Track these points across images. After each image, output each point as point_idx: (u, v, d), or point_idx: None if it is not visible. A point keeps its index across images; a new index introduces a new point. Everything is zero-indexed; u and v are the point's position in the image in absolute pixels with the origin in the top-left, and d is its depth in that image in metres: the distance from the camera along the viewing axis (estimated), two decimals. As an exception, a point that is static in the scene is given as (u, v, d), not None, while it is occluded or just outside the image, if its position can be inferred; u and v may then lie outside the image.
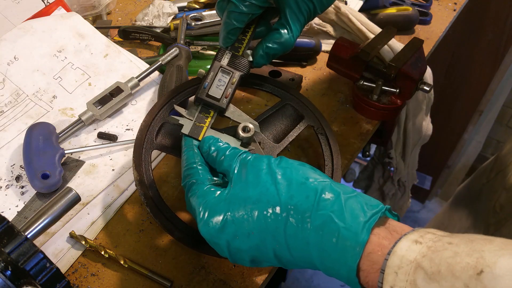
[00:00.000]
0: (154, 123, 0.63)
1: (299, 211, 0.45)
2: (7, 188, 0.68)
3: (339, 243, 0.43)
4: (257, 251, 0.48)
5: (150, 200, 0.58)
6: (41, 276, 0.45)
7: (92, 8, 0.97)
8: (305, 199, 0.45)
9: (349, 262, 0.42)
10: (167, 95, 0.66)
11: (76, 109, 0.78)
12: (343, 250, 0.43)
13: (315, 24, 0.97)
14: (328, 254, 0.44)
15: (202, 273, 0.60)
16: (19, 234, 0.46)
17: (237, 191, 0.49)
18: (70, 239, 0.63)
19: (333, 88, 0.88)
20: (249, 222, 0.47)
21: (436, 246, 0.39)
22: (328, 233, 0.43)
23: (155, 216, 0.57)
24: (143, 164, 0.60)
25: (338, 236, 0.43)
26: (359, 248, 0.42)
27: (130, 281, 0.59)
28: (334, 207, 0.44)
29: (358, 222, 0.43)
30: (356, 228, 0.42)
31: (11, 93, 0.78)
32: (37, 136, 0.69)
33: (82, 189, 0.68)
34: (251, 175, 0.49)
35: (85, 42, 0.85)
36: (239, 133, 0.59)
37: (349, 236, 0.42)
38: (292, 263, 0.47)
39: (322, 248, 0.44)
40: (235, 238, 0.48)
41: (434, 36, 1.04)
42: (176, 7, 0.98)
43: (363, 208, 0.44)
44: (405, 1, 1.10)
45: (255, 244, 0.47)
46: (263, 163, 0.50)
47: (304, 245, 0.45)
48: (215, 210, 0.49)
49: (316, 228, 0.44)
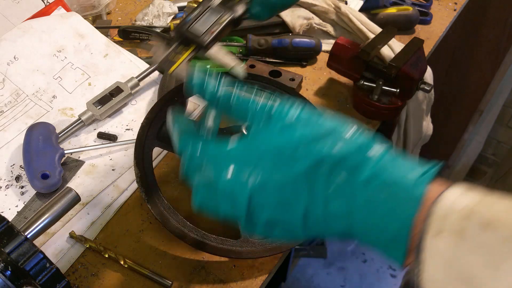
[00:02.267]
0: (156, 120, 0.63)
1: (345, 163, 0.40)
2: (7, 188, 0.68)
3: (392, 196, 0.38)
4: (283, 208, 0.42)
5: (150, 196, 0.58)
6: (41, 276, 0.45)
7: (92, 8, 0.97)
8: (353, 151, 0.41)
9: (402, 216, 0.38)
10: (169, 93, 0.66)
11: (76, 109, 0.78)
12: (396, 204, 0.38)
13: (315, 24, 0.96)
14: (375, 210, 0.39)
15: (202, 273, 0.60)
16: (19, 234, 0.45)
17: (269, 137, 0.43)
18: (70, 239, 0.62)
19: (333, 88, 0.88)
20: (284, 173, 0.41)
21: (491, 196, 0.35)
22: (378, 186, 0.39)
23: (155, 212, 0.57)
24: (144, 160, 0.60)
25: (391, 189, 0.38)
26: (415, 201, 0.37)
27: (130, 281, 0.59)
28: (385, 159, 0.40)
29: (414, 174, 0.39)
30: (410, 182, 0.38)
31: (11, 93, 0.78)
32: (37, 136, 0.69)
33: (82, 189, 0.68)
34: (289, 120, 0.43)
35: (85, 42, 0.85)
36: (244, 132, 0.59)
37: (401, 191, 0.38)
38: (319, 225, 0.42)
39: (369, 203, 0.39)
40: (262, 190, 0.42)
41: (434, 36, 1.04)
42: (176, 6, 0.98)
43: (416, 163, 0.40)
44: (405, 1, 1.10)
45: (285, 198, 0.42)
46: (303, 108, 0.44)
47: (346, 201, 0.40)
48: (240, 159, 0.43)
49: (364, 181, 0.39)
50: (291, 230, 0.44)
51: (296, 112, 0.43)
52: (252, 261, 0.62)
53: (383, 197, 0.39)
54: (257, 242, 0.59)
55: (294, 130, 0.42)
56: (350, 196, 0.40)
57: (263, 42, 0.91)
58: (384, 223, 0.39)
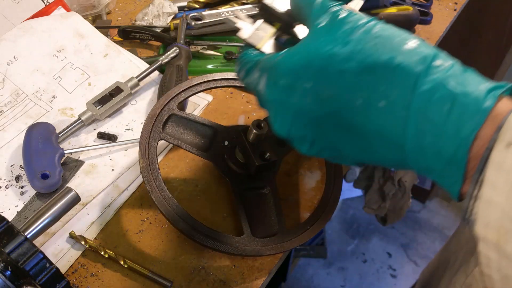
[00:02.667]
0: (162, 113, 0.63)
1: (404, 73, 0.38)
2: (7, 188, 0.68)
3: (454, 111, 0.36)
4: (334, 114, 0.40)
5: (154, 188, 0.58)
6: (41, 276, 0.45)
7: (92, 7, 0.97)
8: (412, 62, 0.38)
9: (463, 132, 0.35)
10: (177, 87, 0.67)
11: (76, 109, 0.78)
12: (460, 117, 0.35)
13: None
14: (433, 125, 0.36)
15: (202, 273, 0.60)
16: (19, 234, 0.45)
17: (324, 41, 0.41)
18: (70, 239, 0.62)
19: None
20: (340, 80, 0.39)
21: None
22: (438, 100, 0.36)
23: (159, 204, 0.57)
24: (149, 153, 0.60)
25: (453, 104, 0.36)
26: (481, 116, 0.35)
27: (130, 281, 0.59)
28: (449, 72, 0.37)
29: (481, 89, 0.36)
30: (479, 94, 0.35)
31: (10, 93, 0.78)
32: (36, 136, 0.69)
33: (81, 189, 0.68)
34: (349, 29, 0.41)
35: (85, 42, 0.85)
36: (253, 129, 0.59)
37: (469, 102, 0.35)
38: (366, 139, 0.40)
39: (426, 118, 0.36)
40: (316, 96, 0.40)
41: (434, 36, 1.04)
42: (176, 6, 0.98)
43: (484, 79, 0.37)
44: (405, 1, 1.10)
45: (337, 106, 0.40)
46: (368, 19, 0.42)
47: (401, 113, 0.37)
48: (304, 54, 0.41)
49: (423, 94, 0.36)
50: (339, 149, 0.42)
51: (371, 24, 0.40)
52: (252, 261, 0.62)
53: (445, 109, 0.36)
54: (260, 240, 0.59)
55: (345, 40, 0.40)
56: (406, 109, 0.37)
57: (263, 42, 0.91)
58: (442, 141, 0.36)
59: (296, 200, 0.69)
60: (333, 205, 0.66)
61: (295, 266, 1.99)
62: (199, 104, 0.81)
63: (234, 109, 0.81)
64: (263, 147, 0.61)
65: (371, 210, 1.37)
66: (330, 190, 0.67)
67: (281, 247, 0.59)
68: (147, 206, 0.67)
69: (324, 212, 0.65)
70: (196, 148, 0.64)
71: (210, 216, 0.66)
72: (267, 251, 0.59)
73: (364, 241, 2.11)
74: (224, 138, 0.66)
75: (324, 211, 0.65)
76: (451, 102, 0.36)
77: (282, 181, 0.71)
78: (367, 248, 2.08)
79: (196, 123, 0.65)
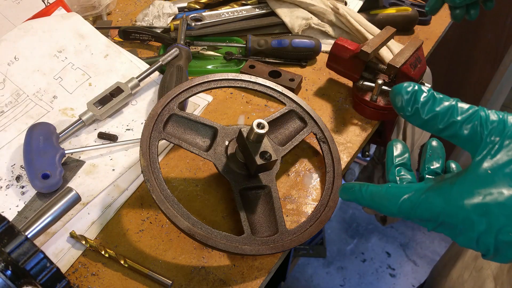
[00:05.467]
0: (163, 113, 0.64)
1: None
2: (8, 188, 0.68)
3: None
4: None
5: (155, 187, 0.58)
6: (42, 276, 0.45)
7: (92, 8, 0.97)
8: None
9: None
10: (177, 87, 0.67)
11: (77, 109, 0.78)
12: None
13: (313, 24, 0.97)
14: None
15: (202, 273, 0.60)
16: (19, 234, 0.46)
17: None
18: (70, 239, 0.63)
19: (332, 88, 0.88)
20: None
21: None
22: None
23: (159, 203, 0.57)
24: (150, 152, 0.60)
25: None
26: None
27: (131, 280, 0.59)
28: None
29: None
30: None
31: (11, 93, 0.78)
32: (37, 136, 0.69)
33: (82, 189, 0.68)
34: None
35: (86, 43, 0.86)
36: (254, 128, 0.59)
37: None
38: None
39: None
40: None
41: (433, 36, 1.04)
42: (176, 7, 0.98)
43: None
44: (404, 2, 1.10)
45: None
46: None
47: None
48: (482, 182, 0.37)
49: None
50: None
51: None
52: (252, 260, 0.62)
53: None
54: (259, 239, 0.59)
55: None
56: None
57: (263, 42, 0.91)
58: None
59: (296, 200, 0.70)
60: (333, 205, 0.67)
61: (294, 266, 1.99)
62: (199, 104, 0.81)
63: (234, 109, 0.82)
64: (263, 147, 0.62)
65: (371, 210, 1.38)
66: (329, 190, 0.68)
67: (281, 246, 0.60)
68: (147, 205, 0.67)
69: (324, 212, 0.65)
70: (196, 148, 0.64)
71: (210, 216, 0.66)
72: (267, 250, 0.59)
73: (363, 241, 2.11)
74: (224, 138, 0.66)
75: (324, 211, 0.65)
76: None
77: (282, 181, 0.72)
78: (366, 248, 2.09)
79: (196, 123, 0.66)
